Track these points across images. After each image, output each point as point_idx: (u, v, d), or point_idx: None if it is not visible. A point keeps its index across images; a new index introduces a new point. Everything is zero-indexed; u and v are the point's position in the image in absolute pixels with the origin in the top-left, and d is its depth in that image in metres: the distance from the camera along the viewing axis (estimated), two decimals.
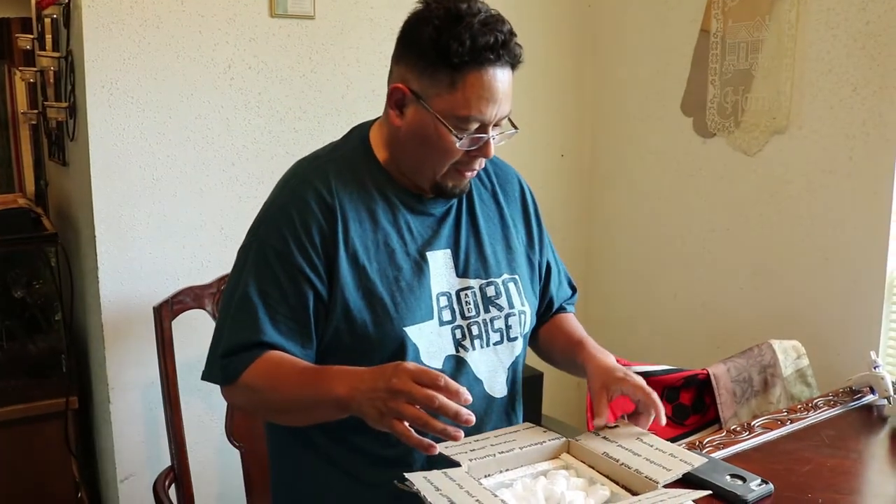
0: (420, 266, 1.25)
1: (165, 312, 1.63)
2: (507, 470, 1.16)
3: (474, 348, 1.27)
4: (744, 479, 1.19)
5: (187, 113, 1.99)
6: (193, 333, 1.68)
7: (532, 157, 2.53)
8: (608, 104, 2.63)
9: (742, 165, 2.21)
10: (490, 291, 1.31)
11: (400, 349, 1.20)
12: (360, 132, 1.31)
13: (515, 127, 1.24)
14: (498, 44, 1.13)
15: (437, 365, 1.23)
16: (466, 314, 1.28)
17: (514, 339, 1.33)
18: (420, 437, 1.01)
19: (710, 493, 1.15)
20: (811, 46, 2.00)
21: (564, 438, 1.23)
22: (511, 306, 1.32)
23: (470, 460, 1.13)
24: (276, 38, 2.07)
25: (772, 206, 2.15)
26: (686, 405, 1.77)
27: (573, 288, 1.53)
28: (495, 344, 1.30)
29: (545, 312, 1.48)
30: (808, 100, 2.03)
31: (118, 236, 1.95)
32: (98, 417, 2.21)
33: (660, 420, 1.21)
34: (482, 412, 1.28)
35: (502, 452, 1.16)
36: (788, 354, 1.87)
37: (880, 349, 1.94)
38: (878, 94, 1.88)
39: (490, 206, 1.36)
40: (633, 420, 1.25)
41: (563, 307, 1.50)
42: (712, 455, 1.30)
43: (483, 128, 1.18)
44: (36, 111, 2.65)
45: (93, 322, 2.08)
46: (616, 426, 1.24)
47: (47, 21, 2.23)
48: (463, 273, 1.29)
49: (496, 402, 1.31)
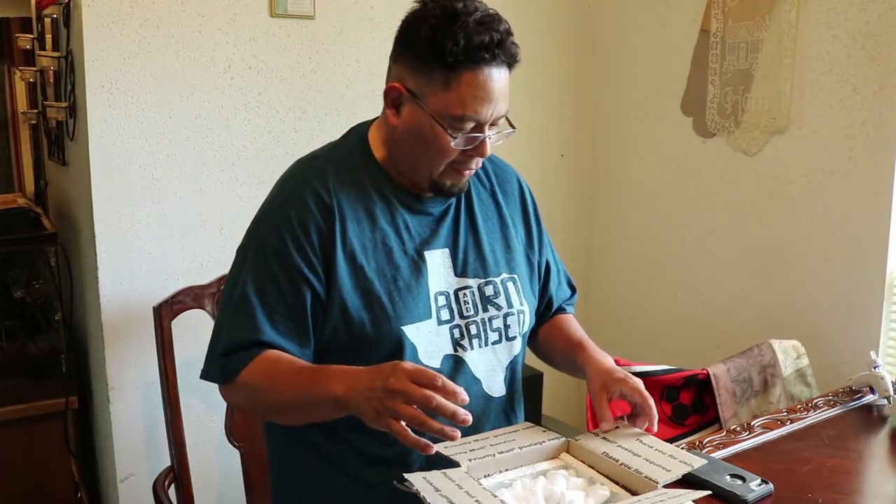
0: (418, 265, 1.25)
1: (165, 312, 1.63)
2: (506, 470, 1.16)
3: (472, 348, 1.27)
4: (744, 479, 1.19)
5: (187, 113, 1.99)
6: (193, 333, 1.68)
7: (532, 156, 2.53)
8: (608, 104, 2.63)
9: (742, 165, 2.21)
10: (489, 291, 1.30)
11: (398, 348, 1.20)
12: (359, 132, 1.31)
13: (513, 126, 1.24)
14: (493, 43, 1.13)
15: (436, 364, 1.23)
16: (465, 313, 1.28)
17: (513, 338, 1.33)
18: (417, 436, 1.01)
19: (710, 493, 1.15)
20: (811, 46, 2.00)
21: (564, 438, 1.23)
22: (510, 306, 1.32)
23: (469, 460, 1.13)
24: (275, 38, 2.07)
25: (772, 206, 2.15)
26: (686, 405, 1.77)
27: (573, 288, 1.53)
28: (494, 343, 1.30)
29: (544, 312, 1.48)
30: (808, 100, 2.02)
31: (118, 236, 1.95)
32: (98, 417, 2.21)
33: (652, 426, 1.21)
34: (480, 412, 1.28)
35: (502, 452, 1.16)
36: (788, 354, 1.87)
37: (880, 349, 1.94)
38: (878, 94, 1.88)
39: (489, 206, 1.36)
40: (630, 422, 1.25)
41: (562, 307, 1.50)
42: (712, 455, 1.30)
43: (479, 127, 1.17)
44: (36, 111, 2.65)
45: (92, 322, 2.08)
46: (616, 427, 1.24)
47: (47, 21, 2.23)
48: (461, 272, 1.29)
49: (495, 401, 1.30)
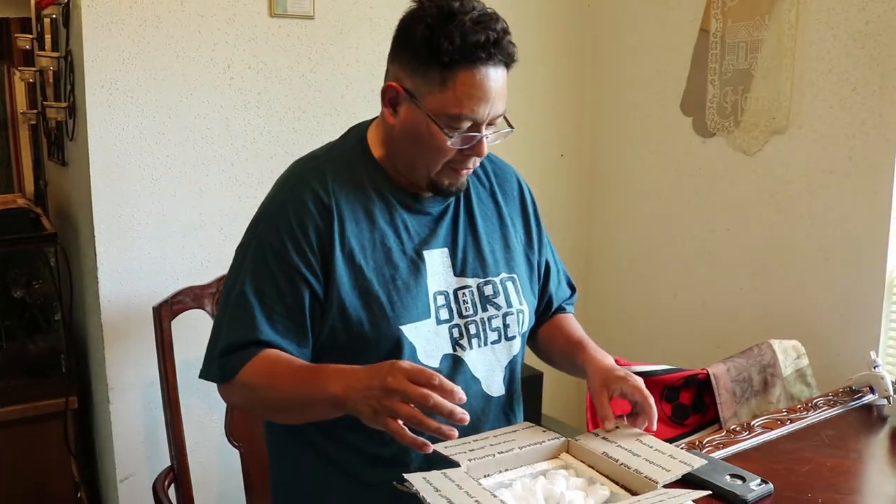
0: (417, 265, 1.25)
1: (165, 312, 1.62)
2: (506, 470, 1.16)
3: (472, 347, 1.27)
4: (743, 479, 1.19)
5: (187, 113, 1.99)
6: (193, 333, 1.68)
7: (532, 156, 2.53)
8: (608, 104, 2.63)
9: (742, 165, 2.21)
10: (488, 290, 1.30)
11: (396, 348, 1.20)
12: (358, 132, 1.31)
13: (511, 126, 1.24)
14: (490, 42, 1.12)
15: (435, 364, 1.23)
16: (464, 313, 1.28)
17: (512, 337, 1.32)
18: (414, 435, 1.01)
19: (710, 492, 1.15)
20: (811, 46, 2.00)
21: (564, 438, 1.23)
22: (509, 305, 1.32)
23: (469, 460, 1.13)
24: (275, 38, 2.07)
25: (772, 206, 2.15)
26: (686, 405, 1.77)
27: (572, 288, 1.53)
28: (493, 343, 1.30)
29: (544, 312, 1.47)
30: (808, 100, 2.02)
31: (118, 236, 1.95)
32: (98, 417, 2.21)
33: (651, 425, 1.21)
34: (480, 411, 1.28)
35: (501, 452, 1.16)
36: (788, 354, 1.87)
37: (880, 349, 1.94)
38: (877, 94, 1.88)
39: (488, 205, 1.36)
40: (630, 420, 1.25)
41: (562, 307, 1.50)
42: (712, 455, 1.30)
43: (476, 126, 1.17)
44: (35, 111, 2.65)
45: (92, 322, 2.08)
46: (616, 427, 1.24)
47: (47, 21, 2.23)
48: (461, 272, 1.29)
49: (494, 401, 1.30)
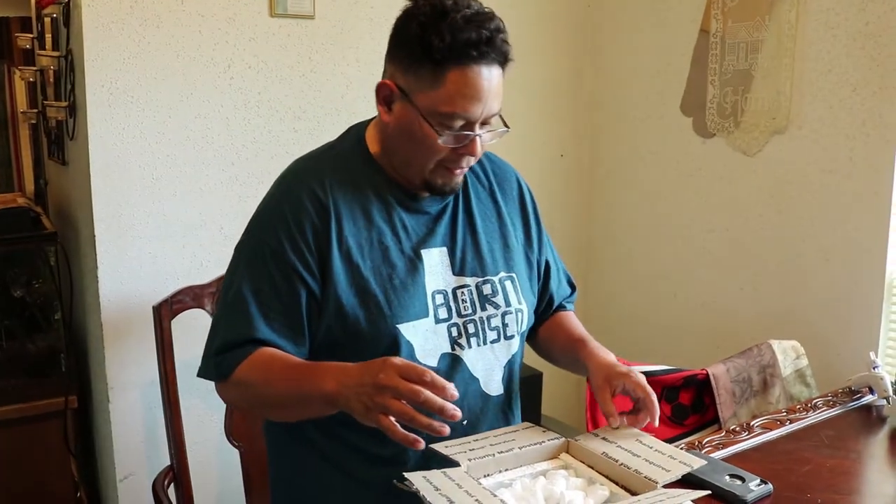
0: (414, 264, 1.25)
1: (165, 312, 1.63)
2: (506, 470, 1.16)
3: (470, 346, 1.27)
4: (743, 479, 1.19)
5: (187, 112, 1.99)
6: (193, 333, 1.67)
7: (531, 156, 2.53)
8: (608, 104, 2.63)
9: (742, 165, 2.21)
10: (486, 289, 1.30)
11: (393, 346, 1.20)
12: (357, 131, 1.31)
13: (507, 126, 1.24)
14: (481, 40, 1.11)
15: (433, 363, 1.23)
16: (463, 312, 1.27)
17: (511, 337, 1.32)
18: (406, 432, 1.01)
19: (710, 493, 1.15)
20: (811, 46, 2.00)
21: (563, 438, 1.23)
22: (508, 304, 1.32)
23: (469, 460, 1.13)
24: (275, 37, 2.07)
25: (772, 206, 2.15)
26: (685, 405, 1.77)
27: (572, 286, 1.53)
28: (492, 342, 1.30)
29: (545, 311, 1.47)
30: (808, 100, 2.02)
31: (118, 236, 1.95)
32: (97, 417, 2.21)
33: (653, 422, 1.21)
34: (478, 410, 1.28)
35: (501, 452, 1.16)
36: (788, 354, 1.87)
37: (880, 349, 1.94)
38: (877, 94, 1.88)
39: (487, 205, 1.36)
40: (632, 417, 1.25)
41: (562, 305, 1.50)
42: (712, 455, 1.30)
43: (469, 125, 1.17)
44: (35, 110, 2.65)
45: (92, 321, 2.08)
46: (617, 427, 1.24)
47: (47, 20, 2.24)
48: (459, 271, 1.29)
49: (492, 400, 1.30)
